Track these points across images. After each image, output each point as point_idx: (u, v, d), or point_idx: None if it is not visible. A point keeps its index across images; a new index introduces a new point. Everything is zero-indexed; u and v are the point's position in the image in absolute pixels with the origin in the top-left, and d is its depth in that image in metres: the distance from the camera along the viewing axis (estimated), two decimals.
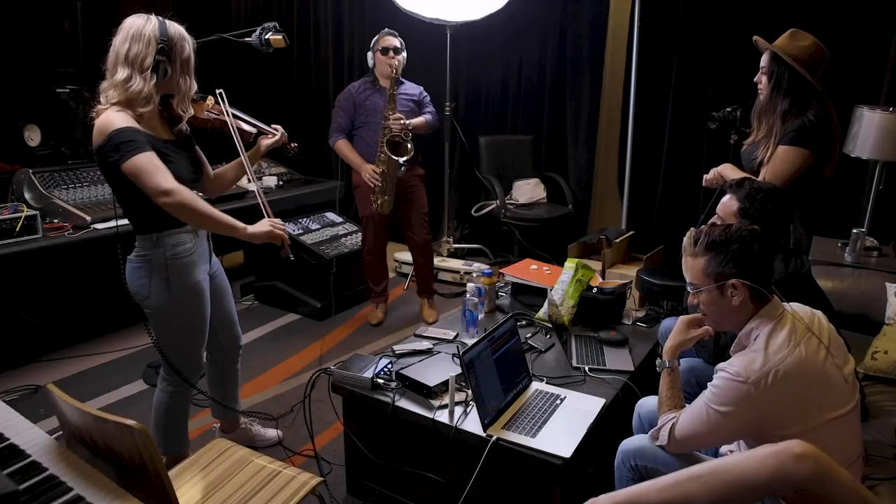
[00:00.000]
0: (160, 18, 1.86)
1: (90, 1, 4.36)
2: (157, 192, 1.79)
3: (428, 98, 3.60)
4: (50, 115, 3.64)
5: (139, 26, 1.82)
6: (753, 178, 2.17)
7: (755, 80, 2.34)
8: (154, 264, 1.95)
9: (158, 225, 1.94)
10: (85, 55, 4.30)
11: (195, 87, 1.98)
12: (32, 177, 3.15)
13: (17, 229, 2.81)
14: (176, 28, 1.88)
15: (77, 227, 3.02)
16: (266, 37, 2.41)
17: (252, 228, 1.97)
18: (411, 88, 3.54)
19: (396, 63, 3.28)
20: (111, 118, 1.80)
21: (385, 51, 3.38)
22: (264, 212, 2.09)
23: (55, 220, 3.05)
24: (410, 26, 4.49)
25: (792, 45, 2.22)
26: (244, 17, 5.56)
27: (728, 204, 1.95)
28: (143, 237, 1.96)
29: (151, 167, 1.79)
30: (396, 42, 3.41)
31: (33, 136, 3.61)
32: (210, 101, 2.15)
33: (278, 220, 2.05)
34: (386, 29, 3.46)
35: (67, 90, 3.59)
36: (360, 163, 3.45)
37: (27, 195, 3.11)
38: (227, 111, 2.14)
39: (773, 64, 2.25)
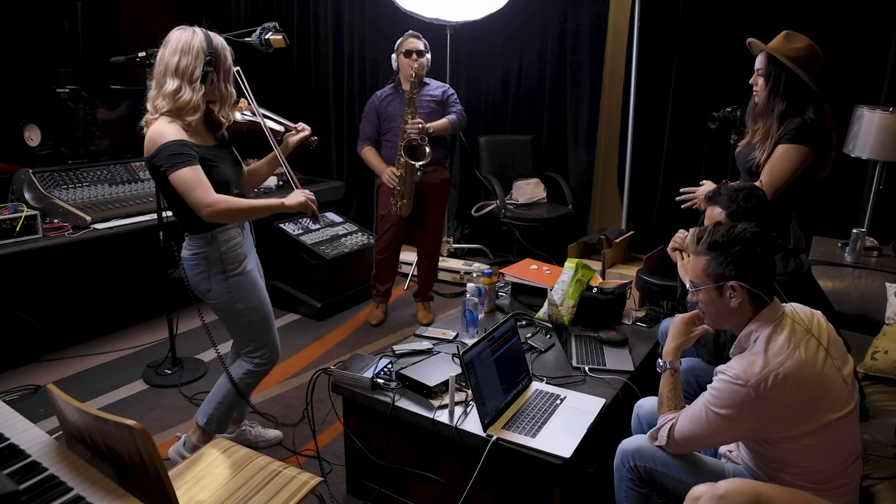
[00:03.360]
0: (204, 30, 1.97)
1: (90, 1, 4.37)
2: (200, 206, 1.91)
3: (454, 96, 3.56)
4: (50, 115, 3.64)
5: (187, 39, 1.93)
6: (727, 181, 2.17)
7: (751, 82, 2.34)
8: (211, 260, 2.07)
9: (211, 224, 2.03)
10: (85, 55, 4.30)
11: (234, 94, 2.09)
12: (32, 177, 3.15)
13: (17, 229, 2.81)
14: (218, 39, 2.00)
15: (77, 227, 3.02)
16: (266, 37, 2.41)
17: (288, 200, 2.08)
18: (435, 88, 3.51)
19: (418, 66, 3.28)
20: (163, 130, 1.91)
21: (409, 53, 3.36)
22: (293, 183, 2.20)
23: (55, 220, 3.05)
24: (410, 26, 4.49)
25: (787, 47, 2.22)
26: (244, 17, 5.56)
27: (713, 215, 1.95)
28: (197, 236, 2.06)
29: (195, 181, 1.90)
30: (420, 44, 3.39)
31: (33, 136, 3.61)
32: (243, 102, 2.23)
33: (308, 191, 2.12)
34: (410, 31, 3.44)
35: (67, 90, 3.59)
36: (381, 168, 3.47)
37: (27, 195, 3.11)
38: (258, 112, 2.21)
39: (770, 66, 2.25)
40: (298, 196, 2.08)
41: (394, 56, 3.45)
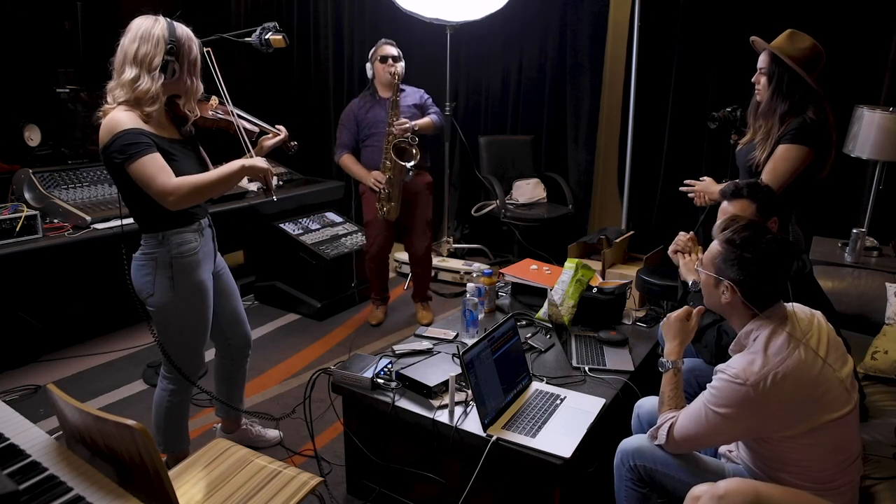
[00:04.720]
0: (168, 20, 1.89)
1: (90, 1, 4.37)
2: (164, 195, 1.82)
3: (430, 100, 3.60)
4: (50, 115, 3.64)
5: (148, 27, 1.85)
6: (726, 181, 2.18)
7: (753, 80, 2.34)
8: (159, 263, 1.97)
9: (164, 224, 1.96)
10: (85, 55, 4.30)
11: (201, 88, 2.01)
12: (32, 177, 3.15)
13: (17, 229, 2.81)
14: (184, 29, 1.91)
15: (77, 227, 3.02)
16: (266, 37, 2.41)
17: (250, 162, 1.99)
18: (412, 95, 3.54)
19: (396, 70, 3.30)
20: (118, 118, 1.82)
21: (384, 59, 3.38)
22: (248, 150, 2.12)
23: (55, 220, 3.05)
24: (410, 26, 4.49)
25: (791, 47, 2.22)
26: (244, 17, 5.57)
27: (743, 205, 1.94)
28: (149, 236, 1.98)
29: (155, 169, 1.81)
30: (395, 51, 3.42)
31: (33, 136, 3.61)
32: (214, 100, 2.17)
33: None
34: (383, 39, 3.47)
35: (67, 90, 3.60)
36: (363, 174, 3.47)
37: (27, 195, 3.11)
38: (231, 110, 2.16)
39: (773, 65, 2.24)
40: (262, 163, 2.01)
41: (368, 65, 3.49)
